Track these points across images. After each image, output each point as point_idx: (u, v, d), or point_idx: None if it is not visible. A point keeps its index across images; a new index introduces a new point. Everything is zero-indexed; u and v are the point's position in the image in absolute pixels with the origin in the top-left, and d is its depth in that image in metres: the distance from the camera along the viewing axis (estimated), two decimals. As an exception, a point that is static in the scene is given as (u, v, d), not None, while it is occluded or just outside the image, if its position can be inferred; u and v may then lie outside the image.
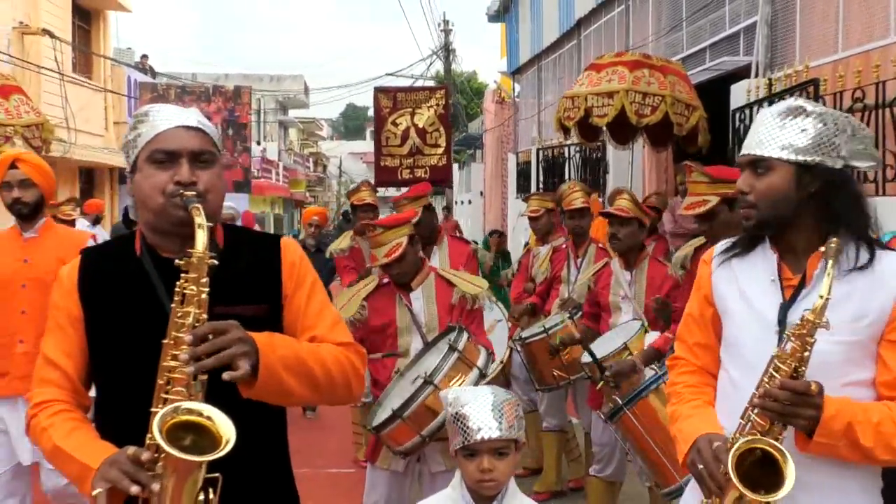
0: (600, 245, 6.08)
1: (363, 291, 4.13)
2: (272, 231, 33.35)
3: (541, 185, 15.02)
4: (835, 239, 2.06)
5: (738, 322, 2.28)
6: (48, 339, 2.18)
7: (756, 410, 2.04)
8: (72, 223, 7.75)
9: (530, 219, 6.95)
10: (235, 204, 11.21)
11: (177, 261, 1.95)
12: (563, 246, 6.44)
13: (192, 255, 1.93)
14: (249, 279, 2.17)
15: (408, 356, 4.02)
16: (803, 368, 2.02)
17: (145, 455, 1.81)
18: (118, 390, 2.10)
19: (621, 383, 4.31)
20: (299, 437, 7.72)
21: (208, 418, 1.81)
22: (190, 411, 1.80)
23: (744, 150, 2.24)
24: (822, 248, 2.06)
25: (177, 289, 1.93)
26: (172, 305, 1.92)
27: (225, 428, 1.79)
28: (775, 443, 1.99)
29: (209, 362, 1.84)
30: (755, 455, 1.99)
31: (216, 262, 1.97)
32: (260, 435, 2.14)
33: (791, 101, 2.20)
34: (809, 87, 6.75)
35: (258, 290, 2.17)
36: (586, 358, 4.95)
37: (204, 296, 1.92)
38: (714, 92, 9.12)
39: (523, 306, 6.53)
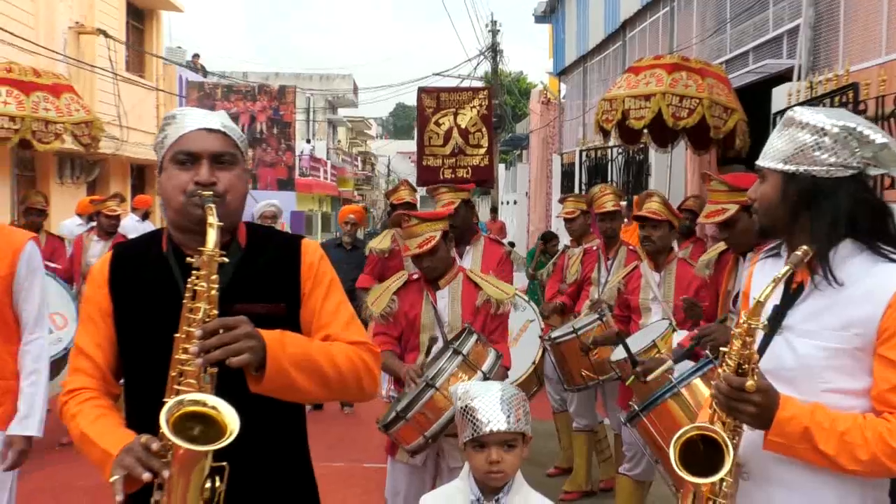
0: (631, 247, 6.11)
1: (394, 286, 4.21)
2: (319, 229, 33.69)
3: (584, 187, 15.03)
4: (803, 247, 2.09)
5: None
6: (81, 331, 2.31)
7: (715, 401, 2.12)
8: (117, 219, 7.91)
9: (566, 220, 7.02)
10: (282, 202, 11.39)
11: (188, 258, 2.05)
12: (595, 248, 6.48)
13: (202, 252, 2.02)
14: (269, 278, 2.26)
15: (427, 353, 4.09)
16: (747, 366, 2.05)
17: (155, 445, 1.90)
18: (142, 380, 2.20)
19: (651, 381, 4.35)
20: (337, 431, 7.95)
21: (213, 408, 1.89)
22: (195, 402, 1.89)
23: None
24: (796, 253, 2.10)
25: (188, 285, 2.02)
26: (184, 301, 2.02)
27: (230, 418, 1.87)
28: (715, 428, 2.07)
29: (216, 355, 1.92)
30: (700, 443, 2.08)
31: (226, 259, 2.06)
32: (275, 427, 2.24)
33: (789, 112, 2.25)
34: (849, 92, 6.71)
35: (277, 290, 2.25)
36: (616, 356, 5.01)
37: (214, 292, 2.01)
38: (757, 95, 9.08)
39: (553, 305, 6.59)
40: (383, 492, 4.38)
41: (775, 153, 2.22)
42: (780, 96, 8.28)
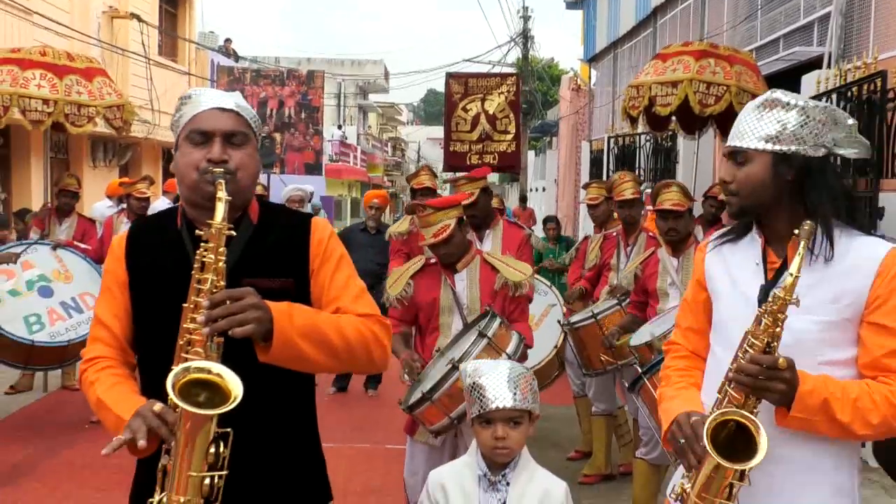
0: (651, 234, 6.12)
1: (410, 270, 4.27)
2: (349, 214, 33.83)
3: (611, 174, 14.98)
4: (808, 221, 2.14)
5: (725, 304, 2.37)
6: (100, 301, 2.40)
7: (732, 385, 2.14)
8: (146, 201, 7.99)
9: (589, 206, 7.02)
10: (312, 187, 11.43)
11: (197, 231, 2.12)
12: (615, 234, 6.50)
13: (211, 225, 2.09)
14: (278, 254, 2.32)
15: (447, 336, 4.15)
16: (775, 344, 2.10)
17: (171, 416, 1.98)
18: (155, 350, 2.27)
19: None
20: (360, 413, 8.05)
21: (218, 375, 1.96)
22: (201, 369, 1.96)
23: (727, 143, 2.35)
24: (795, 231, 2.14)
25: (196, 256, 2.09)
26: (192, 272, 2.09)
27: (234, 385, 1.94)
28: (748, 414, 2.08)
29: (221, 325, 1.99)
30: (730, 427, 2.08)
31: (234, 232, 2.13)
32: (283, 399, 2.30)
33: (769, 94, 2.29)
34: (877, 79, 6.66)
35: (286, 265, 2.31)
36: (635, 341, 5.04)
37: (221, 264, 2.08)
38: (788, 82, 9.01)
39: (575, 289, 6.63)
40: (402, 472, 4.44)
41: (760, 134, 2.25)
42: (809, 84, 8.22)
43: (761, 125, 2.26)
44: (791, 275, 2.08)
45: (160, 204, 12.02)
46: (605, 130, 17.71)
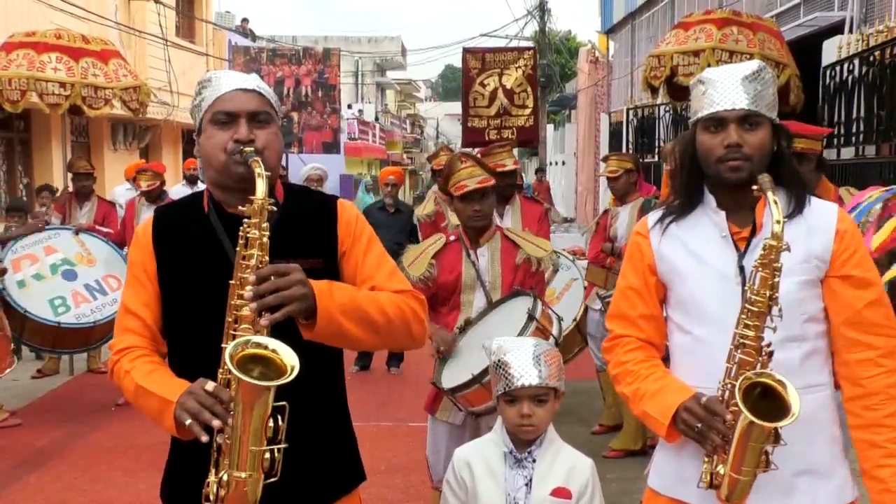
0: None
1: (431, 249, 4.19)
2: (369, 192, 33.82)
3: (631, 146, 14.88)
4: (764, 174, 2.17)
5: (694, 282, 2.33)
6: (127, 291, 2.37)
7: (740, 350, 2.12)
8: (152, 191, 7.87)
9: (609, 179, 6.90)
10: (329, 165, 11.44)
11: (240, 206, 2.11)
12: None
13: (252, 201, 2.08)
14: (306, 235, 2.31)
15: (468, 313, 4.11)
16: (776, 294, 2.11)
17: (225, 393, 1.97)
18: (188, 338, 2.27)
19: None
20: (384, 391, 8.07)
21: (273, 351, 1.96)
22: (258, 345, 1.96)
23: (725, 105, 2.26)
24: (754, 187, 2.17)
25: (241, 233, 2.08)
26: (237, 249, 2.08)
27: (289, 357, 1.95)
28: (775, 374, 2.08)
29: (270, 300, 1.98)
30: (755, 393, 2.07)
31: (275, 208, 2.12)
32: (316, 378, 2.27)
33: (758, 63, 2.30)
34: (901, 44, 6.54)
35: (314, 246, 2.30)
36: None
37: (265, 239, 2.07)
38: (809, 48, 8.88)
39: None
40: (426, 450, 4.44)
41: (765, 102, 2.26)
42: (830, 49, 8.09)
43: (763, 92, 2.26)
44: (778, 222, 2.10)
45: (179, 188, 12.07)
46: (624, 102, 17.56)
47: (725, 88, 2.26)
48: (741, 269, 2.26)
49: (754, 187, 2.16)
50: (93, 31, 12.86)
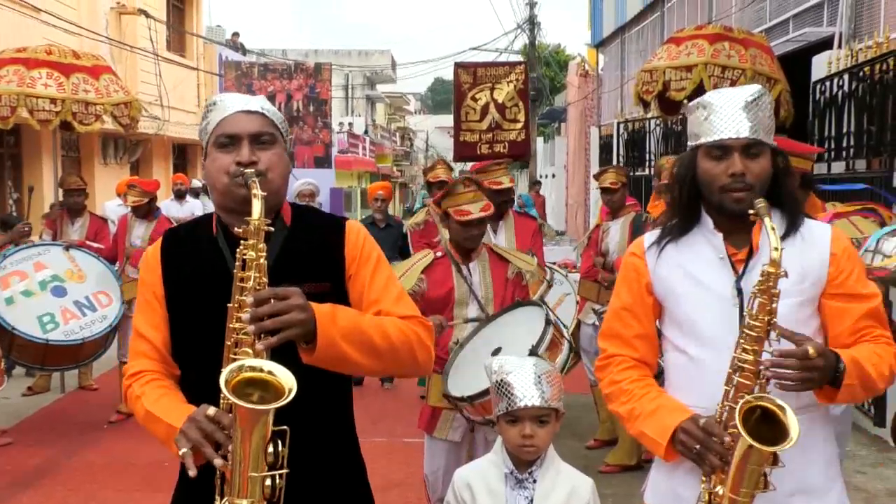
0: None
1: (420, 265, 4.23)
2: (358, 205, 33.81)
3: (622, 159, 14.93)
4: (760, 199, 2.18)
5: (690, 302, 2.35)
6: (138, 315, 2.37)
7: (738, 374, 2.13)
8: (142, 206, 7.73)
9: (608, 191, 6.84)
10: (320, 179, 11.44)
11: (236, 228, 2.11)
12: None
13: (249, 222, 2.07)
14: (313, 258, 2.29)
15: (462, 328, 4.12)
16: (775, 319, 2.12)
17: (226, 419, 1.95)
18: (198, 360, 2.24)
19: None
20: (377, 407, 8.03)
21: (270, 373, 1.93)
22: (252, 368, 1.93)
23: (729, 133, 2.26)
24: (751, 211, 2.18)
25: (238, 254, 2.07)
26: (235, 271, 2.07)
27: (286, 379, 1.92)
28: (774, 398, 2.07)
29: (268, 324, 1.96)
30: (753, 415, 2.07)
31: (272, 228, 2.11)
32: (323, 399, 2.27)
33: (758, 87, 2.31)
34: (889, 59, 6.58)
35: (322, 269, 2.28)
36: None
37: (262, 260, 2.05)
38: (799, 63, 8.93)
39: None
40: (421, 466, 4.43)
41: (765, 128, 2.28)
42: (820, 64, 8.15)
43: (763, 118, 2.28)
44: (776, 249, 2.11)
45: (167, 202, 12.01)
46: (614, 116, 17.63)
47: (728, 115, 2.27)
48: (739, 290, 2.27)
49: (750, 212, 2.18)
50: (83, 46, 12.84)
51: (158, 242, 2.40)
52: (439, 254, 4.27)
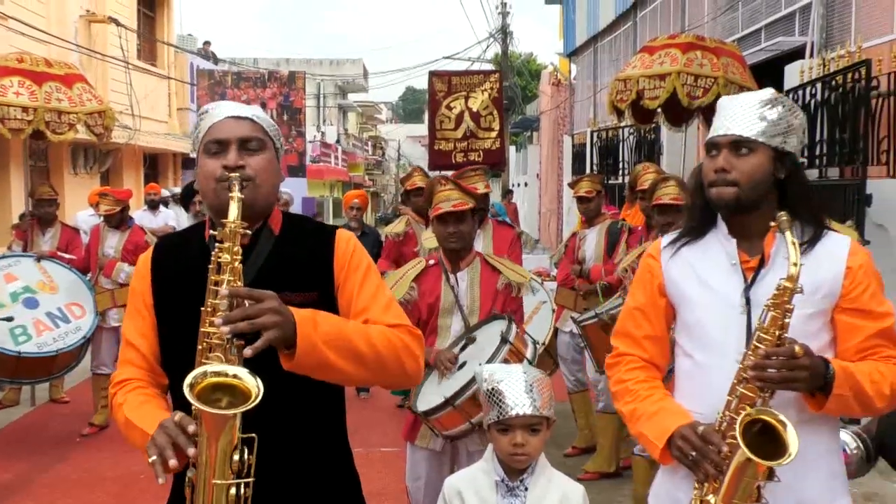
0: (636, 227, 6.05)
1: (411, 273, 4.19)
2: (331, 214, 33.74)
3: (595, 168, 15.01)
4: (783, 212, 2.16)
5: (700, 307, 2.35)
6: (127, 322, 2.34)
7: (743, 385, 2.12)
8: (114, 215, 7.67)
9: (583, 199, 6.84)
10: (293, 188, 11.39)
11: (211, 231, 2.08)
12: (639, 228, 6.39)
13: (225, 225, 2.04)
14: (301, 267, 2.26)
15: (446, 337, 4.10)
16: (785, 335, 2.11)
17: (192, 427, 1.91)
18: (184, 367, 2.16)
19: None
20: (354, 416, 7.91)
21: (235, 377, 1.89)
22: (217, 373, 1.90)
23: (721, 131, 2.30)
24: (773, 223, 2.17)
25: (212, 257, 2.03)
26: (209, 274, 2.03)
27: (252, 383, 1.87)
28: (775, 412, 2.07)
29: (242, 326, 1.91)
30: (753, 428, 2.06)
31: (249, 232, 2.07)
32: (313, 407, 2.24)
33: (772, 91, 2.31)
34: (861, 68, 6.67)
35: (309, 278, 2.25)
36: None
37: (238, 264, 2.02)
38: (771, 72, 9.03)
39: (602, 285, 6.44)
40: (399, 475, 4.40)
41: (765, 128, 2.26)
42: (792, 73, 8.24)
43: (767, 120, 2.26)
44: (795, 264, 2.10)
45: (139, 213, 11.87)
46: (587, 124, 17.71)
47: (727, 115, 2.30)
48: (747, 300, 2.26)
49: (772, 223, 2.17)
50: (52, 54, 12.71)
51: (150, 250, 2.38)
52: (432, 262, 4.23)
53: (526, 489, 2.58)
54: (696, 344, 2.35)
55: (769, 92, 2.31)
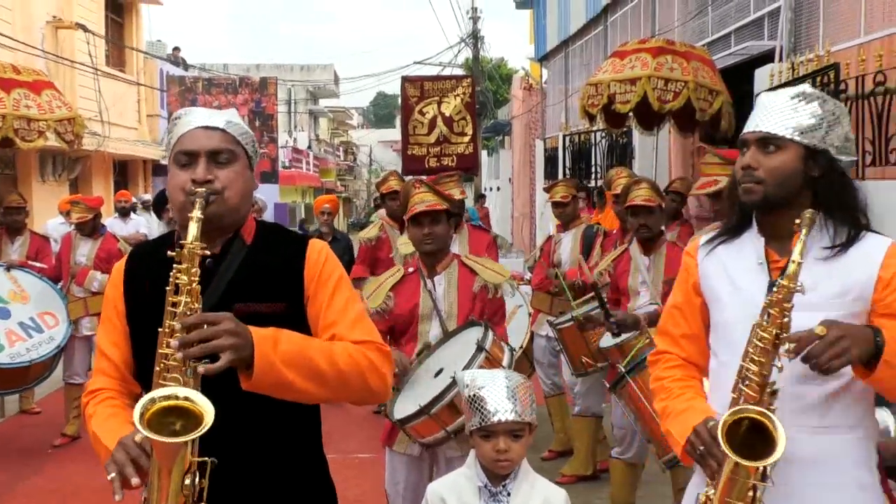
0: (611, 230, 6.07)
1: (389, 281, 4.17)
2: (303, 219, 33.61)
3: (567, 172, 15.07)
4: (809, 210, 2.13)
5: (727, 306, 2.33)
6: (101, 331, 2.34)
7: (745, 383, 2.11)
8: (87, 223, 7.58)
9: (559, 204, 6.86)
10: (265, 194, 11.35)
11: (169, 252, 2.05)
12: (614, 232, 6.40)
13: (183, 246, 2.02)
14: (272, 277, 2.24)
15: (425, 343, 4.09)
16: (784, 334, 2.07)
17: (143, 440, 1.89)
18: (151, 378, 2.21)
19: (623, 333, 4.66)
20: (328, 423, 7.84)
21: (186, 399, 1.88)
22: (166, 397, 1.88)
23: (751, 128, 2.28)
24: (798, 221, 2.12)
25: (171, 278, 2.02)
26: (167, 296, 2.01)
27: (205, 408, 1.85)
28: (762, 409, 2.05)
29: (195, 350, 1.91)
30: (746, 426, 2.05)
31: (208, 252, 2.06)
32: (285, 425, 2.23)
33: (807, 87, 2.27)
34: (830, 72, 6.75)
35: (278, 290, 2.23)
36: (605, 343, 5.04)
37: (195, 286, 2.00)
38: (741, 76, 9.11)
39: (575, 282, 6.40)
40: (375, 481, 4.39)
41: (796, 125, 2.22)
42: (762, 77, 8.31)
43: (798, 116, 2.23)
44: (794, 262, 2.06)
45: (111, 220, 11.76)
46: (559, 128, 17.78)
47: (760, 111, 2.28)
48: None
49: (797, 221, 2.12)
50: (18, 60, 12.55)
51: (124, 259, 2.37)
52: (411, 269, 4.22)
53: (509, 494, 2.59)
54: (720, 343, 2.35)
55: (806, 87, 2.27)
